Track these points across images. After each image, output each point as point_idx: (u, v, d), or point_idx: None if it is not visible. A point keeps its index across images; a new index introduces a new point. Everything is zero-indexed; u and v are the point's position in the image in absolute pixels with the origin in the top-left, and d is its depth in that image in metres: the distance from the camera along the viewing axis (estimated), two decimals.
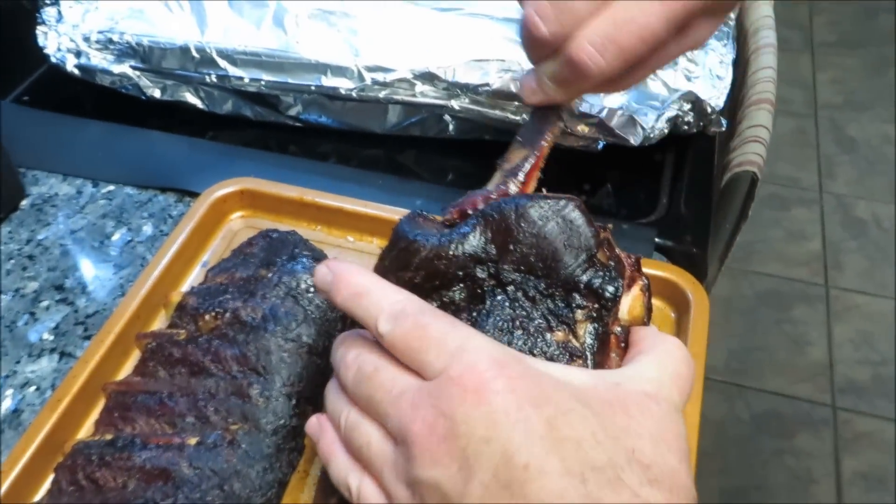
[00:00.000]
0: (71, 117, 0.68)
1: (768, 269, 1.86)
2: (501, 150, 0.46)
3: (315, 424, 0.36)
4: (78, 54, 0.67)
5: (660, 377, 0.32)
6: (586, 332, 0.35)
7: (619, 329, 0.36)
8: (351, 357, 0.34)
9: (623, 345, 0.36)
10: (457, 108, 0.63)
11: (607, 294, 0.35)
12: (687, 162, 0.67)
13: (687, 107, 0.61)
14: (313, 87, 0.64)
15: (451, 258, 0.36)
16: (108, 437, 0.42)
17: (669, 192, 0.64)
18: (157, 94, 0.68)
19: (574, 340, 0.35)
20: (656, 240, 0.58)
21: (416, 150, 0.69)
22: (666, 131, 0.61)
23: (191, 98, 0.68)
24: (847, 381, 1.64)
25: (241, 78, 0.65)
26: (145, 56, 0.66)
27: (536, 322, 0.36)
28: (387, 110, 0.66)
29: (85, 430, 0.44)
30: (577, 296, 0.36)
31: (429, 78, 0.63)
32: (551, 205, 0.37)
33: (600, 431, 0.29)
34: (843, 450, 1.54)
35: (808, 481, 1.50)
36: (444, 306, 0.37)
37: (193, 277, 0.52)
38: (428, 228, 0.38)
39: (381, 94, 0.64)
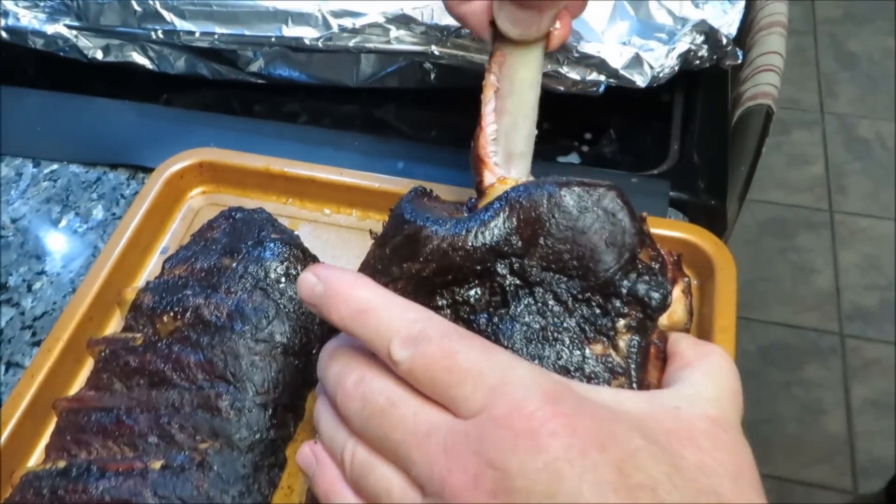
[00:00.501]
0: (3, 87, 0.61)
1: (770, 197, 1.80)
2: None
3: (308, 456, 0.30)
4: (5, 14, 0.59)
5: (718, 396, 0.28)
6: (628, 344, 0.31)
7: (656, 339, 0.31)
8: (351, 383, 0.28)
9: (662, 356, 0.31)
10: (438, 53, 0.56)
11: (654, 302, 0.31)
12: (698, 100, 0.60)
13: (699, 39, 0.54)
14: (273, 39, 0.57)
15: (469, 250, 0.31)
16: (61, 464, 0.36)
17: (681, 136, 0.58)
18: (99, 55, 0.60)
19: (614, 354, 0.30)
20: (670, 194, 0.52)
21: (396, 103, 0.62)
22: (676, 69, 0.54)
23: (139, 58, 0.61)
24: (854, 307, 1.61)
25: (191, 32, 0.57)
26: (80, 12, 0.58)
27: (571, 332, 0.31)
28: (359, 60, 0.59)
29: (36, 457, 0.39)
30: (617, 302, 0.31)
31: (404, 21, 0.55)
32: (590, 193, 0.31)
33: (675, 473, 0.25)
34: (853, 378, 1.51)
35: (818, 412, 1.48)
36: (456, 306, 0.32)
37: (152, 268, 0.46)
38: (437, 212, 0.33)
39: (351, 43, 0.56)
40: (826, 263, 1.69)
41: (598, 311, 0.31)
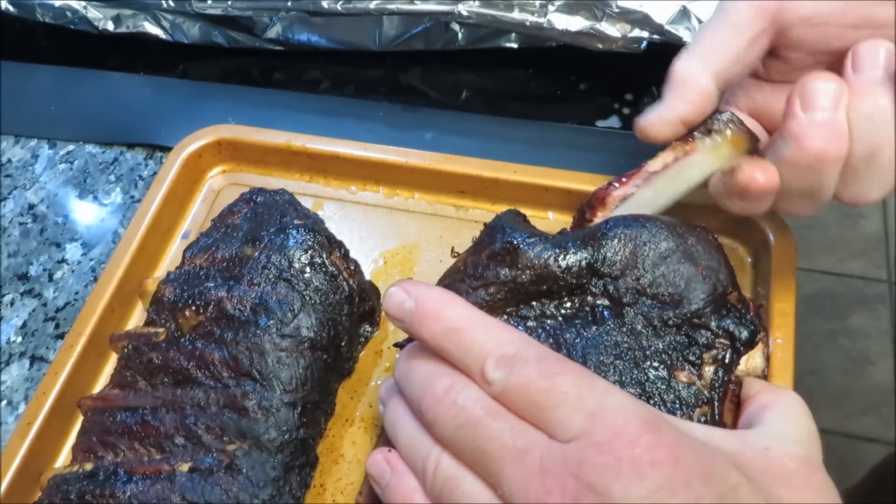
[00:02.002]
0: (15, 64, 0.58)
1: None
2: (524, 57, 0.37)
3: (381, 463, 0.29)
4: None
5: (801, 437, 0.29)
6: (712, 376, 0.31)
7: (736, 385, 0.32)
8: (441, 388, 0.27)
9: (736, 400, 0.32)
10: (465, 13, 0.52)
11: (743, 337, 0.32)
12: None
13: None
14: (290, 4, 0.54)
15: (569, 263, 0.33)
16: (88, 466, 0.35)
17: None
18: (110, 26, 0.58)
19: (699, 383, 0.31)
20: None
21: (422, 66, 0.59)
22: None
23: (151, 28, 0.58)
24: None
25: None
26: None
27: (658, 356, 0.32)
28: (382, 23, 0.56)
29: (63, 457, 0.38)
30: (706, 334, 0.32)
31: None
32: (689, 229, 0.34)
33: None
34: None
35: (865, 362, 1.44)
36: (544, 317, 0.33)
37: (173, 254, 0.44)
38: (533, 231, 0.35)
39: (373, 5, 0.53)
40: (874, 207, 1.63)
41: (686, 339, 0.32)
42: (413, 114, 0.54)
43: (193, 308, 0.37)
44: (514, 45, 0.56)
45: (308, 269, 0.37)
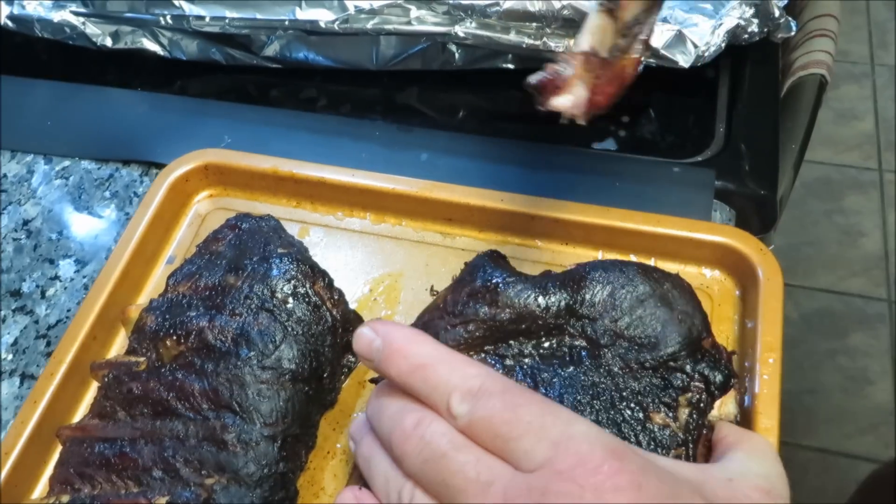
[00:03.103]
0: (12, 78, 0.58)
1: (816, 156, 1.72)
2: (521, 78, 0.36)
3: (351, 499, 0.30)
4: (9, 2, 0.57)
5: (766, 473, 0.29)
6: (687, 418, 0.32)
7: (709, 429, 0.33)
8: (410, 423, 0.28)
9: (708, 444, 0.32)
10: (462, 34, 0.52)
11: (718, 380, 0.32)
12: (746, 77, 0.55)
13: (749, 12, 0.49)
14: (287, 23, 0.53)
15: (549, 303, 0.34)
16: (64, 499, 0.35)
17: (727, 117, 0.53)
18: (108, 42, 0.58)
19: (674, 426, 0.32)
20: (716, 184, 0.48)
21: (419, 86, 0.58)
22: (723, 46, 0.49)
23: (149, 45, 0.58)
24: None
25: (201, 17, 0.54)
26: None
27: (633, 398, 0.32)
28: (379, 42, 0.56)
29: (41, 487, 0.37)
30: (681, 377, 0.32)
31: (425, 0, 0.52)
32: (666, 276, 0.34)
33: None
34: None
35: (864, 382, 1.43)
36: (521, 356, 0.33)
37: (158, 279, 0.44)
38: (514, 272, 0.36)
39: (370, 25, 0.53)
40: (874, 226, 1.62)
41: (662, 382, 0.32)
42: (408, 134, 0.54)
43: (175, 338, 0.37)
44: (511, 66, 0.55)
45: (291, 300, 0.37)
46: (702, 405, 0.32)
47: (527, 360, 0.33)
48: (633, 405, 0.32)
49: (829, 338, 1.48)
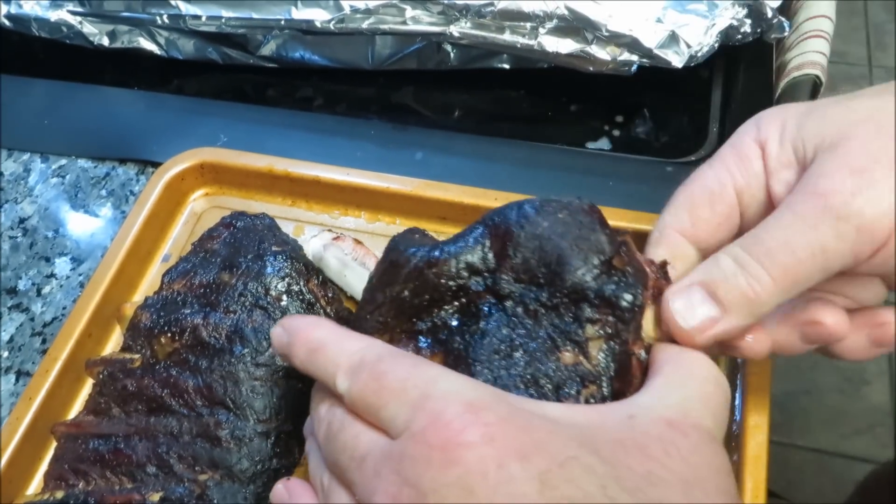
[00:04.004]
0: (9, 77, 0.59)
1: None
2: (516, 78, 0.36)
3: (281, 491, 0.30)
4: (7, 1, 0.57)
5: (683, 401, 0.26)
6: (600, 351, 0.28)
7: (642, 352, 0.28)
8: (323, 410, 0.28)
9: (647, 367, 0.28)
10: (457, 34, 0.52)
11: (623, 303, 0.28)
12: (739, 76, 0.56)
13: (742, 13, 0.49)
14: (283, 22, 0.54)
15: (443, 268, 0.30)
16: (59, 494, 0.35)
17: (721, 117, 0.54)
18: (105, 41, 0.58)
19: (586, 362, 0.28)
20: None
21: (414, 85, 0.59)
22: (716, 46, 0.49)
23: (146, 44, 0.58)
24: None
25: (197, 17, 0.55)
26: None
27: (540, 342, 0.29)
28: (375, 42, 0.56)
29: (36, 483, 0.38)
30: (587, 307, 0.29)
31: (420, 0, 0.52)
32: (557, 203, 0.30)
33: (612, 484, 0.22)
34: None
35: (861, 382, 1.43)
36: (435, 329, 0.31)
37: (153, 277, 0.44)
38: (426, 243, 0.33)
39: (365, 25, 0.53)
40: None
41: (568, 318, 0.29)
42: (403, 133, 0.54)
43: (169, 335, 0.37)
44: (506, 66, 0.56)
45: (285, 297, 0.37)
46: (614, 333, 0.28)
47: (442, 333, 0.31)
48: (541, 350, 0.29)
49: None
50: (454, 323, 0.30)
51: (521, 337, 0.29)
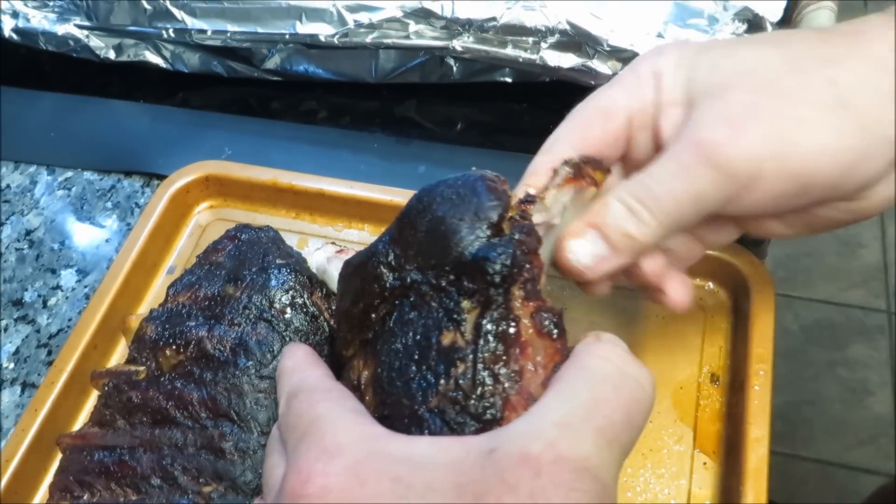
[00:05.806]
0: (16, 90, 0.59)
1: None
2: (518, 91, 0.36)
3: None
4: (14, 15, 0.58)
5: (563, 418, 0.23)
6: (474, 324, 0.26)
7: (544, 315, 0.26)
8: (276, 432, 0.30)
9: (556, 331, 0.26)
10: (460, 48, 0.53)
11: (491, 268, 0.26)
12: None
13: (742, 28, 0.50)
14: (287, 36, 0.54)
15: (366, 272, 0.30)
16: None
17: None
18: (111, 55, 0.59)
19: (460, 339, 0.26)
20: None
21: (417, 98, 0.59)
22: None
23: (152, 57, 0.59)
24: None
25: (203, 31, 0.55)
26: (90, 11, 0.56)
27: (428, 330, 0.27)
28: (378, 55, 0.56)
29: (41, 495, 0.38)
30: (465, 280, 0.27)
31: (423, 15, 0.52)
32: (451, 179, 0.29)
33: None
34: None
35: (864, 393, 1.43)
36: (376, 337, 0.30)
37: (158, 289, 0.45)
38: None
39: (369, 39, 0.53)
40: (873, 237, 1.62)
41: (453, 296, 0.27)
42: (407, 146, 0.54)
43: (174, 347, 0.37)
44: (509, 80, 0.56)
45: (289, 310, 0.37)
46: (488, 302, 0.26)
47: (378, 341, 0.29)
48: (431, 338, 0.27)
49: (828, 349, 1.48)
50: (383, 327, 0.29)
51: (419, 329, 0.27)
